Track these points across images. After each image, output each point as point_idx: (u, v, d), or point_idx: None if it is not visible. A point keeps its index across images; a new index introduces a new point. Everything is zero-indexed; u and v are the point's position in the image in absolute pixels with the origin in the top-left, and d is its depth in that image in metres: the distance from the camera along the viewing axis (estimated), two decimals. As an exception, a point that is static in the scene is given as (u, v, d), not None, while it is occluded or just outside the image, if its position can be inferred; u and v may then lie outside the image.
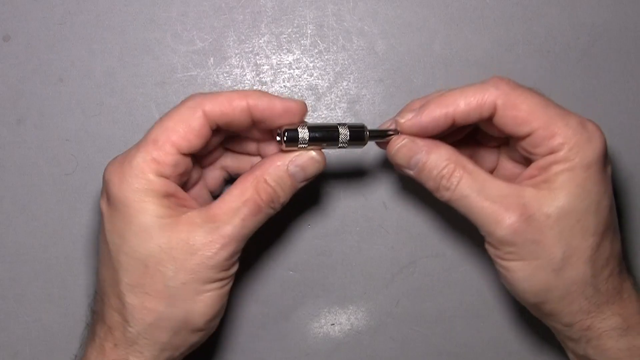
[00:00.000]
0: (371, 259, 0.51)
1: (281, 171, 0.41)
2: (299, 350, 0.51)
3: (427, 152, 0.41)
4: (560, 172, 0.39)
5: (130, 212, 0.39)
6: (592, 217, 0.40)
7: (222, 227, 0.39)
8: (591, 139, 0.40)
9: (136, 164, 0.39)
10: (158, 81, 0.50)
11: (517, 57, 0.51)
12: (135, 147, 0.40)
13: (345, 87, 0.51)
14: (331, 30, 0.51)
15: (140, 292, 0.39)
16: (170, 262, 0.39)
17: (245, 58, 0.50)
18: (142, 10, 0.50)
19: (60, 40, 0.50)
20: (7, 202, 0.50)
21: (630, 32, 0.51)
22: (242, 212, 0.40)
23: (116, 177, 0.39)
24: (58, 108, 0.50)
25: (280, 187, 0.41)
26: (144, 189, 0.39)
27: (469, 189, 0.40)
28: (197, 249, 0.39)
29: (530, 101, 0.40)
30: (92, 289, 0.50)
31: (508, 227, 0.39)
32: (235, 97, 0.40)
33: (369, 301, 0.51)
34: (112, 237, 0.40)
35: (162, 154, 0.39)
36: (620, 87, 0.51)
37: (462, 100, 0.40)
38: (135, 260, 0.39)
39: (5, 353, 0.50)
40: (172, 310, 0.40)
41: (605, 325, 0.41)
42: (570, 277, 0.40)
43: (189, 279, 0.39)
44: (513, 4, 0.51)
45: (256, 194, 0.40)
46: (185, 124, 0.40)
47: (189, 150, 0.40)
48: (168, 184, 0.40)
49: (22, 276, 0.50)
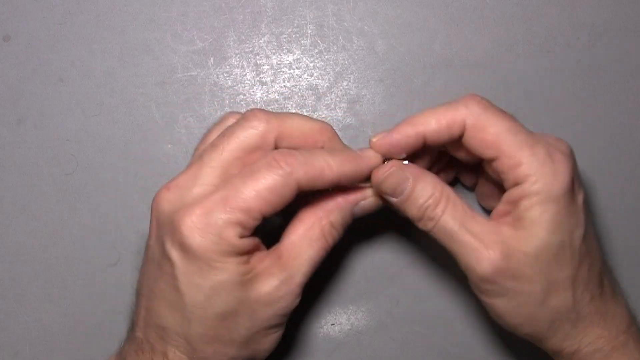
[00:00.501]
0: (371, 259, 0.51)
1: (347, 214, 0.42)
2: (299, 350, 0.51)
3: (414, 180, 0.41)
4: (529, 207, 0.39)
5: (211, 271, 0.38)
6: (567, 249, 0.40)
7: (296, 276, 0.40)
8: (556, 172, 0.39)
9: (222, 226, 0.38)
10: (158, 81, 0.50)
11: (517, 57, 0.51)
12: (221, 204, 0.38)
13: (345, 87, 0.51)
14: (331, 30, 0.51)
15: (212, 340, 0.39)
16: (247, 313, 0.39)
17: (246, 58, 0.50)
18: (142, 10, 0.50)
19: (60, 40, 0.50)
20: (7, 202, 0.50)
21: (630, 32, 0.51)
22: (312, 259, 0.40)
23: (198, 234, 0.37)
24: (58, 108, 0.50)
25: (343, 228, 0.42)
26: (227, 251, 0.38)
27: (452, 221, 0.40)
28: (275, 301, 0.39)
29: (499, 125, 0.39)
30: (91, 288, 0.50)
31: (489, 265, 0.39)
32: (327, 170, 0.39)
33: (369, 301, 0.51)
34: (186, 289, 0.38)
35: (249, 220, 0.38)
36: (620, 87, 0.51)
37: (433, 119, 0.40)
38: (213, 314, 0.39)
39: (5, 353, 0.50)
40: (242, 353, 0.40)
41: (591, 348, 0.41)
42: (555, 306, 0.40)
43: (263, 327, 0.40)
44: (513, 4, 0.51)
45: (322, 237, 0.41)
46: (279, 193, 0.38)
47: (272, 214, 0.39)
48: (248, 242, 0.39)
49: (22, 276, 0.50)
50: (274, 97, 0.50)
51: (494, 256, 0.39)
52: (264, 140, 0.40)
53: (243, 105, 0.50)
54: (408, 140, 0.41)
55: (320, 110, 0.50)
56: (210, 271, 0.38)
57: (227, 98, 0.50)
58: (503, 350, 0.51)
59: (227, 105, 0.50)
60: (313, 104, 0.50)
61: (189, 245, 0.38)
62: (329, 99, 0.51)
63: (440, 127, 0.40)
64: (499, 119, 0.40)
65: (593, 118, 0.51)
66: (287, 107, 0.50)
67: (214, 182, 0.39)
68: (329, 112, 0.50)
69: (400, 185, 0.41)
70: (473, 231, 0.40)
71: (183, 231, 0.38)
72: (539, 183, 0.39)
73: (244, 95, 0.50)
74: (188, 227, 0.38)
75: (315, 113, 0.50)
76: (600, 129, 0.51)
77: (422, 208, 0.41)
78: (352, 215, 0.42)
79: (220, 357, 0.40)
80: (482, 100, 0.40)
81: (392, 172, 0.41)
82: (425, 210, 0.41)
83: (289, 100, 0.50)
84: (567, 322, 0.41)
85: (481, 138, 0.40)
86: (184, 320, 0.39)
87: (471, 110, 0.40)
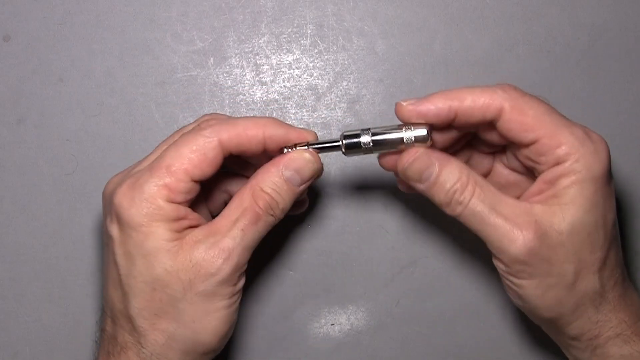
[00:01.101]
0: (371, 259, 0.50)
1: (276, 177, 0.41)
2: (298, 350, 0.51)
3: (440, 166, 0.40)
4: (568, 185, 0.39)
5: (139, 237, 0.39)
6: (600, 231, 0.40)
7: (222, 240, 0.39)
8: (597, 151, 0.39)
9: (147, 189, 0.39)
10: (158, 81, 0.50)
11: (517, 57, 0.51)
12: (147, 170, 0.40)
13: (345, 87, 0.51)
14: (331, 30, 0.51)
15: (149, 315, 0.39)
16: (177, 283, 0.39)
17: (245, 58, 0.50)
18: (142, 11, 0.50)
19: (60, 40, 0.50)
20: (7, 202, 0.50)
21: (630, 32, 0.51)
22: (240, 223, 0.40)
23: (126, 201, 0.39)
24: (58, 108, 0.50)
25: (277, 193, 0.41)
26: (154, 214, 0.39)
27: (481, 205, 0.40)
28: (200, 266, 0.39)
29: (537, 108, 0.39)
30: (91, 288, 0.50)
31: (522, 246, 0.39)
32: (252, 126, 0.40)
33: (368, 301, 0.51)
34: (121, 261, 0.40)
35: (174, 181, 0.39)
36: (620, 88, 0.51)
37: (469, 97, 0.40)
38: (144, 284, 0.39)
39: (5, 353, 0.50)
40: (182, 331, 0.40)
41: (612, 332, 0.41)
42: (582, 290, 0.40)
43: (196, 299, 0.39)
44: (513, 4, 0.51)
45: (253, 202, 0.40)
46: (201, 152, 0.39)
47: (201, 178, 0.40)
48: (178, 209, 0.39)
49: (22, 276, 0.50)
50: (274, 97, 0.50)
51: (528, 236, 0.39)
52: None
53: (243, 105, 0.50)
54: (439, 112, 0.40)
55: (319, 110, 0.50)
56: (138, 237, 0.39)
57: (226, 98, 0.50)
58: (503, 350, 0.51)
59: (227, 105, 0.50)
60: (313, 104, 0.50)
61: (121, 215, 0.39)
62: (329, 99, 0.51)
63: (475, 105, 0.39)
64: (536, 103, 0.40)
65: (592, 118, 0.51)
66: (286, 107, 0.50)
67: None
68: (329, 112, 0.50)
69: (426, 170, 0.40)
70: (504, 213, 0.39)
71: (115, 202, 0.39)
72: (580, 161, 0.39)
73: (244, 95, 0.50)
74: (118, 199, 0.39)
75: (315, 113, 0.50)
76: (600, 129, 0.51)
77: (449, 193, 0.40)
78: (285, 179, 0.41)
79: (158, 335, 0.40)
80: (517, 87, 0.40)
81: (417, 157, 0.40)
82: (453, 194, 0.40)
83: (288, 100, 0.50)
84: (592, 306, 0.40)
85: (521, 121, 0.39)
86: (123, 296, 0.40)
87: (509, 94, 0.39)
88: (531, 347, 0.51)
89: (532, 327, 0.51)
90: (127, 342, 0.40)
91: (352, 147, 0.41)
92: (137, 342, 0.40)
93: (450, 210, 0.41)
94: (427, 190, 0.41)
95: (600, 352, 0.42)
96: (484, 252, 0.51)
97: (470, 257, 0.51)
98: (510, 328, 0.51)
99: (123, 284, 0.40)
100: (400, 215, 0.51)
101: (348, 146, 0.41)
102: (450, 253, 0.51)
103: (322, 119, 0.50)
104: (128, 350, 0.40)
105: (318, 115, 0.50)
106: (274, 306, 0.50)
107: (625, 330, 0.41)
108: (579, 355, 0.43)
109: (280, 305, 0.51)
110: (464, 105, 0.40)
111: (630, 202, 0.52)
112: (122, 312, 0.40)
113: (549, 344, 0.50)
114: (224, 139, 0.40)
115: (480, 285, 0.51)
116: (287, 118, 0.50)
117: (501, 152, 0.45)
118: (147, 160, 0.42)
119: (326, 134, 0.50)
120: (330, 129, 0.50)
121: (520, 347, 0.51)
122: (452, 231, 0.51)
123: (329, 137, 0.50)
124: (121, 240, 0.40)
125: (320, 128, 0.50)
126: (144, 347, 0.40)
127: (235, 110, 0.50)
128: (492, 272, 0.50)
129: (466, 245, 0.51)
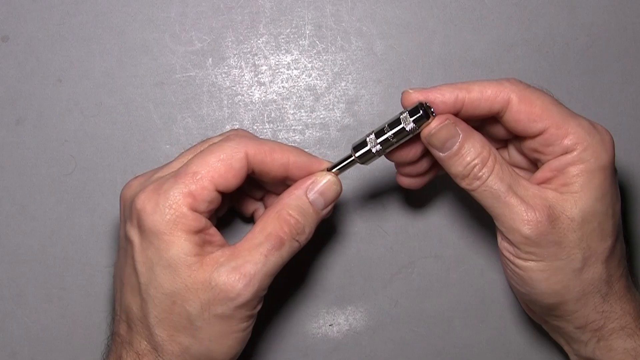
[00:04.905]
0: (370, 260, 0.50)
1: (301, 200, 0.41)
2: (297, 351, 0.51)
3: (464, 137, 0.40)
4: (578, 174, 0.39)
5: (161, 245, 0.38)
6: (610, 220, 0.40)
7: (244, 265, 0.39)
8: (604, 142, 0.40)
9: (172, 195, 0.38)
10: (156, 81, 0.50)
11: (516, 57, 0.51)
12: (172, 176, 0.39)
13: (343, 88, 0.51)
14: (330, 30, 0.51)
15: (168, 326, 0.39)
16: (196, 301, 0.39)
17: (244, 58, 0.50)
18: (140, 11, 0.50)
19: (58, 40, 0.50)
20: (6, 202, 0.50)
21: (629, 32, 0.51)
22: (264, 248, 0.39)
23: (150, 206, 0.39)
24: (57, 108, 0.50)
25: (303, 217, 0.41)
26: (176, 221, 0.38)
27: (499, 182, 0.40)
28: (220, 289, 0.38)
29: (543, 99, 0.40)
30: (90, 288, 0.50)
31: (535, 227, 0.39)
32: (278, 149, 0.41)
33: (367, 302, 0.51)
34: (142, 268, 0.39)
35: (199, 189, 0.39)
36: (619, 88, 0.51)
37: (476, 87, 0.40)
38: (164, 296, 0.39)
39: (4, 353, 0.50)
40: (198, 348, 0.40)
41: (617, 324, 0.41)
42: (588, 278, 0.40)
43: (214, 320, 0.39)
44: (512, 4, 0.51)
45: (278, 227, 0.40)
46: (227, 162, 0.39)
47: (225, 189, 0.40)
48: (200, 219, 0.39)
49: (21, 276, 0.50)
50: (272, 98, 0.50)
51: (541, 218, 0.39)
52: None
53: (241, 106, 0.50)
54: (445, 101, 0.40)
55: (318, 111, 0.50)
56: (160, 245, 0.38)
57: (225, 98, 0.50)
58: (502, 350, 0.51)
59: (226, 106, 0.50)
60: (311, 104, 0.50)
61: (143, 220, 0.39)
62: (327, 99, 0.51)
63: (482, 96, 0.40)
64: (542, 94, 0.40)
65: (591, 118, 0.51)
66: (285, 107, 0.50)
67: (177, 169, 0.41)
68: (327, 112, 0.50)
69: (450, 139, 0.40)
70: (519, 193, 0.40)
71: (137, 207, 0.39)
72: (588, 150, 0.39)
73: (242, 96, 0.50)
74: (141, 203, 0.39)
75: (313, 113, 0.50)
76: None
77: (469, 166, 0.40)
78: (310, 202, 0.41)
79: (175, 346, 0.39)
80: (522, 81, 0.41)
81: (444, 125, 0.40)
82: (472, 169, 0.40)
83: (287, 101, 0.50)
84: (598, 295, 0.41)
85: (529, 111, 0.39)
86: (142, 303, 0.40)
87: (517, 86, 0.40)
88: (530, 347, 0.51)
89: (531, 328, 0.51)
90: (144, 349, 0.40)
91: (365, 155, 0.41)
92: (154, 349, 0.40)
93: (466, 184, 0.41)
94: (446, 159, 0.41)
95: (604, 344, 0.42)
96: (483, 252, 0.51)
97: (469, 257, 0.51)
98: (509, 328, 0.51)
99: (142, 292, 0.39)
100: (399, 215, 0.51)
101: (361, 156, 0.41)
102: (449, 254, 0.51)
103: (321, 120, 0.50)
104: (144, 357, 0.40)
105: (316, 116, 0.50)
106: (273, 307, 0.50)
107: (630, 324, 0.41)
108: (581, 350, 0.43)
109: (279, 305, 0.51)
110: (472, 95, 0.40)
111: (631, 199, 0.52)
112: (140, 319, 0.40)
113: (548, 344, 0.50)
114: (251, 153, 0.40)
115: (480, 286, 0.51)
116: (286, 119, 0.50)
117: (502, 147, 0.45)
118: (170, 167, 0.41)
119: (324, 135, 0.50)
120: (329, 130, 0.50)
121: (519, 348, 0.51)
122: (451, 232, 0.51)
123: (327, 137, 0.50)
124: (142, 247, 0.39)
125: (318, 129, 0.50)
126: (160, 355, 0.40)
127: (233, 111, 0.50)
128: (491, 273, 0.50)
129: (465, 246, 0.51)
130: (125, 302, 0.41)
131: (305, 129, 0.50)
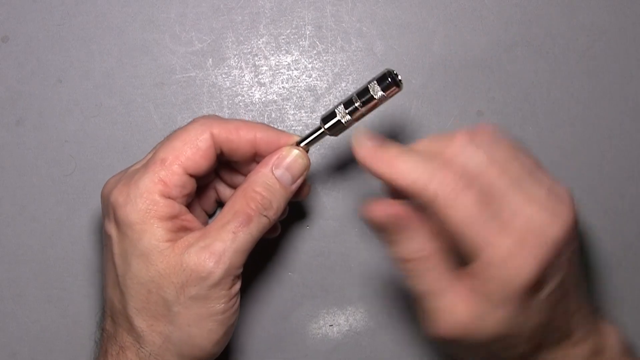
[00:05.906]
0: (369, 260, 0.50)
1: (266, 176, 0.41)
2: (297, 352, 0.51)
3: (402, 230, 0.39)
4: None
5: (134, 236, 0.39)
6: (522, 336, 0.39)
7: (213, 243, 0.39)
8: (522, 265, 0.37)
9: (142, 185, 0.39)
10: (157, 82, 0.50)
11: (516, 58, 0.51)
12: (142, 167, 0.40)
13: (344, 88, 0.51)
14: (330, 31, 0.51)
15: (147, 316, 0.39)
16: (170, 286, 0.39)
17: (244, 59, 0.50)
18: (140, 11, 0.50)
19: (59, 41, 0.50)
20: (6, 203, 0.50)
21: (629, 32, 0.51)
22: (232, 225, 0.39)
23: (122, 198, 0.39)
24: (57, 109, 0.50)
25: (270, 193, 0.40)
26: (149, 209, 0.39)
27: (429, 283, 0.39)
28: (190, 270, 0.38)
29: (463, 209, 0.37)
30: (90, 288, 0.50)
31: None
32: (243, 126, 0.41)
33: (367, 302, 0.51)
34: (118, 261, 0.40)
35: (169, 174, 0.39)
36: (619, 88, 0.51)
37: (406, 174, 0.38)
38: (139, 286, 0.39)
39: (3, 353, 0.50)
40: (178, 335, 0.39)
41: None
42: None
43: (190, 302, 0.39)
44: (512, 4, 0.51)
45: (245, 204, 0.40)
46: (193, 144, 0.40)
47: (195, 172, 0.40)
48: (173, 205, 0.39)
49: (21, 277, 0.50)
50: (273, 98, 0.50)
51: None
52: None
53: (241, 106, 0.50)
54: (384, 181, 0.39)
55: (318, 111, 0.50)
56: (134, 236, 0.39)
57: (225, 99, 0.50)
58: (501, 351, 0.51)
59: (226, 106, 0.50)
60: (311, 105, 0.50)
61: (117, 213, 0.39)
62: (328, 100, 0.51)
63: (409, 185, 0.38)
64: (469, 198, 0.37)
65: (592, 119, 0.51)
66: (285, 108, 0.50)
67: None
68: (328, 113, 0.50)
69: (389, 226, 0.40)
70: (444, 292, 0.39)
71: (112, 202, 0.39)
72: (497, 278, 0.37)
73: (242, 97, 0.50)
74: (114, 197, 0.39)
75: (313, 114, 0.50)
76: (599, 129, 0.51)
77: (404, 259, 0.40)
78: (276, 178, 0.41)
79: (155, 337, 0.39)
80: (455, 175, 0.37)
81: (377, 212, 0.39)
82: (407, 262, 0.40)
83: (287, 101, 0.50)
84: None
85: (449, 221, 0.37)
86: (121, 295, 0.40)
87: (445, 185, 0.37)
88: (530, 348, 0.51)
89: (531, 328, 0.51)
90: (126, 342, 0.40)
91: (335, 126, 0.42)
92: (135, 341, 0.40)
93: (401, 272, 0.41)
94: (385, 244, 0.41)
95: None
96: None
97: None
98: (508, 329, 0.51)
99: (120, 285, 0.40)
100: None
101: (331, 128, 0.42)
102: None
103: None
104: (127, 350, 0.40)
105: (317, 116, 0.50)
106: (273, 307, 0.50)
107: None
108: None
109: (279, 306, 0.51)
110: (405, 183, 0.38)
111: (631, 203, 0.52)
112: (121, 312, 0.40)
113: (547, 345, 0.50)
114: (216, 132, 0.40)
115: (479, 286, 0.51)
116: (286, 119, 0.50)
117: None
118: (142, 160, 0.42)
119: (325, 135, 0.50)
120: (329, 130, 0.50)
121: (518, 348, 0.51)
122: (451, 232, 0.51)
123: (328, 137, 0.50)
124: (118, 240, 0.40)
125: (318, 129, 0.50)
126: (143, 347, 0.40)
127: (234, 112, 0.50)
128: (491, 273, 0.50)
129: (465, 246, 0.51)
130: (108, 296, 0.41)
131: (306, 129, 0.50)
